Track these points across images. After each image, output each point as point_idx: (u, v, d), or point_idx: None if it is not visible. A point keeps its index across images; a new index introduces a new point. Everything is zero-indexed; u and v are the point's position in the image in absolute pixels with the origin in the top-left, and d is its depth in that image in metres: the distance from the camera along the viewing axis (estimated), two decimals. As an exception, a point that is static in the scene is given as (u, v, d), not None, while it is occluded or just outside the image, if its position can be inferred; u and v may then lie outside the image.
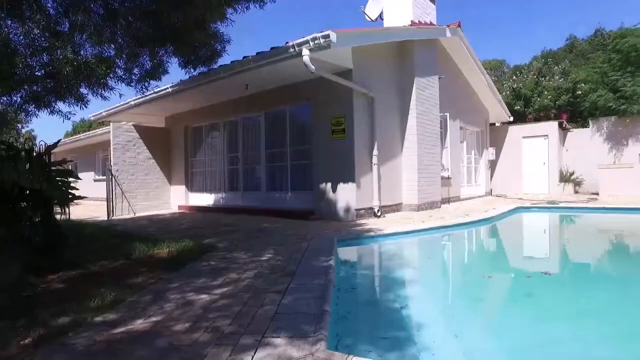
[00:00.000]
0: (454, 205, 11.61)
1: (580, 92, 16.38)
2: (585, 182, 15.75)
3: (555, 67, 19.13)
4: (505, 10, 57.98)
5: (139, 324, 2.52)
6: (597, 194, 14.02)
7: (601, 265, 5.53)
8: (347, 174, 8.11)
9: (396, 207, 9.53)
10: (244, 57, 7.84)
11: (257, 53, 7.58)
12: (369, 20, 11.39)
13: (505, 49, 58.42)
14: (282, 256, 4.58)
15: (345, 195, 8.14)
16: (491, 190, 16.32)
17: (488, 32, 58.88)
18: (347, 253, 5.42)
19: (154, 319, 2.61)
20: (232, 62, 8.02)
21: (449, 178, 11.91)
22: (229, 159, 11.31)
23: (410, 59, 9.77)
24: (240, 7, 6.18)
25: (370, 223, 7.39)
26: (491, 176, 16.58)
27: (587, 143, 16.05)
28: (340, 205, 8.20)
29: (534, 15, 57.04)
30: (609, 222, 9.24)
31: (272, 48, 7.32)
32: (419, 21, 10.38)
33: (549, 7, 55.79)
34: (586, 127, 16.24)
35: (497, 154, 16.72)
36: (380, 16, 11.26)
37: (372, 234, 6.03)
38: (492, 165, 16.66)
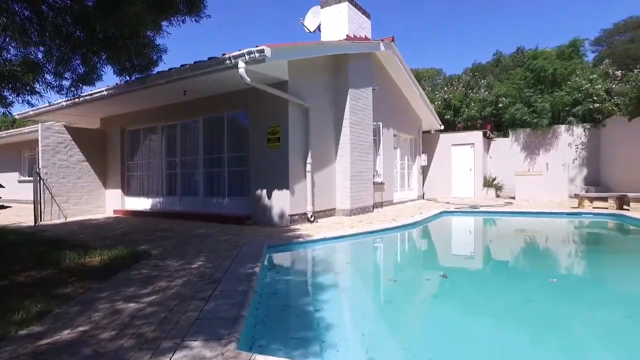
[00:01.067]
0: (386, 209, 12.36)
1: (501, 104, 17.93)
2: (505, 186, 17.30)
3: (482, 81, 20.77)
4: (443, 24, 61.33)
5: (66, 334, 2.70)
6: (514, 197, 15.48)
7: (499, 265, 6.32)
8: (282, 181, 8.48)
9: (330, 212, 10.04)
10: (182, 66, 7.97)
11: (195, 62, 7.74)
12: (308, 31, 11.84)
13: (443, 58, 61.75)
14: (212, 263, 4.84)
15: (279, 202, 8.50)
16: (423, 194, 17.42)
17: (428, 42, 61.95)
18: (275, 259, 5.76)
19: (81, 328, 2.80)
20: (169, 69, 8.10)
21: (382, 183, 12.65)
22: (167, 163, 11.26)
23: (345, 71, 10.32)
24: (175, 20, 6.36)
25: (302, 229, 7.81)
26: (423, 181, 17.68)
27: (507, 151, 17.65)
28: (275, 211, 8.55)
29: (469, 30, 60.87)
30: (518, 225, 10.33)
31: (209, 58, 7.52)
32: (354, 35, 10.97)
33: (482, 23, 59.80)
34: (507, 137, 17.84)
35: (429, 160, 17.88)
36: (319, 28, 11.74)
37: (301, 240, 6.43)
38: (425, 170, 17.78)
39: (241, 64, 6.97)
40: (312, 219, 8.91)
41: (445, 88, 20.44)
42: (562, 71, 16.26)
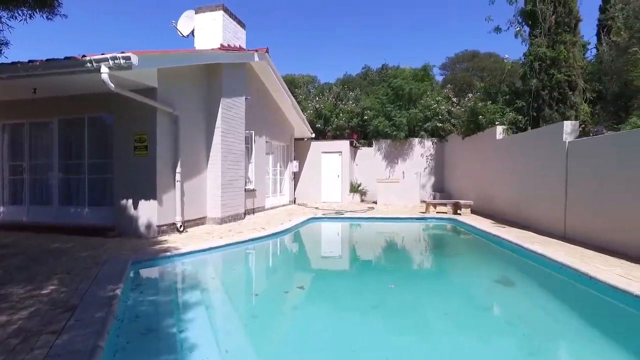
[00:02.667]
0: (258, 215, 12.67)
1: (367, 117, 19.71)
2: (369, 192, 19.05)
3: (351, 93, 22.49)
4: (322, 32, 64.17)
5: None
6: (376, 202, 17.18)
7: (354, 272, 7.11)
8: (149, 191, 8.18)
9: (200, 221, 9.96)
10: (30, 61, 7.14)
11: (48, 60, 7.02)
12: (181, 35, 11.50)
13: (319, 66, 64.60)
14: (68, 287, 4.54)
15: (146, 212, 8.18)
16: (295, 199, 18.20)
17: (307, 49, 64.18)
18: (139, 277, 5.59)
19: None
20: (13, 62, 7.19)
21: (254, 190, 12.94)
22: (10, 168, 9.87)
23: (219, 80, 10.34)
24: (21, 14, 5.75)
25: (171, 240, 7.66)
26: (295, 186, 18.49)
27: (371, 159, 19.46)
28: (142, 221, 8.20)
29: (344, 41, 64.82)
30: (375, 230, 11.55)
31: (66, 58, 6.89)
32: (228, 45, 11.04)
33: (354, 37, 64.21)
34: (371, 146, 19.66)
35: (301, 166, 18.77)
36: (193, 33, 11.50)
37: (168, 254, 6.33)
38: (297, 176, 18.60)
39: (104, 69, 6.56)
40: (181, 229, 8.76)
41: (317, 98, 21.63)
42: (416, 91, 18.59)
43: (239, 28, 12.03)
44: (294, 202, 17.99)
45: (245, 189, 11.83)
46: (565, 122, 8.14)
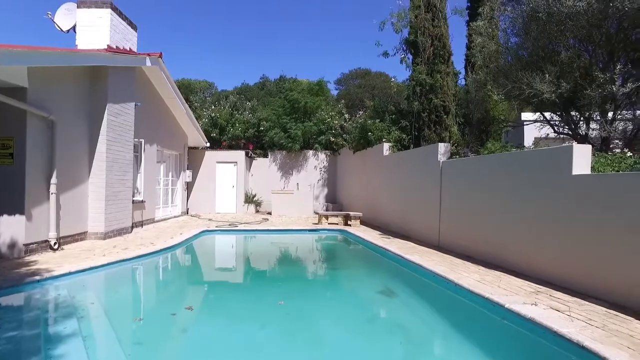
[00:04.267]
0: (147, 228, 11.93)
1: (263, 128, 19.84)
2: (264, 202, 19.14)
3: (247, 103, 22.44)
4: (221, 38, 62.74)
5: None
6: (271, 213, 17.33)
7: (245, 290, 7.14)
8: (15, 204, 7.22)
9: (80, 237, 9.07)
10: None
11: None
12: (60, 31, 10.42)
13: (217, 72, 63.08)
14: None
15: (11, 228, 7.20)
16: (188, 209, 17.51)
17: (204, 53, 62.18)
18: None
19: None
20: None
21: (142, 201, 12.18)
22: None
23: (104, 84, 9.59)
24: None
25: (42, 260, 6.85)
26: (188, 196, 17.79)
27: (267, 170, 19.61)
28: (4, 239, 7.19)
29: (242, 49, 64.31)
30: (269, 243, 11.69)
31: None
32: (116, 47, 10.32)
33: (253, 46, 64.13)
34: (267, 157, 19.82)
35: (195, 176, 18.13)
36: (74, 28, 10.50)
37: (37, 277, 5.60)
38: (190, 186, 17.91)
39: (-43, 65, 5.71)
40: (56, 247, 7.87)
41: (213, 106, 21.17)
42: (311, 105, 19.30)
43: (129, 29, 11.31)
44: (187, 213, 17.30)
45: (133, 201, 11.07)
46: (439, 143, 9.23)
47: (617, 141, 7.55)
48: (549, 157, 5.95)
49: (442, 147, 9.16)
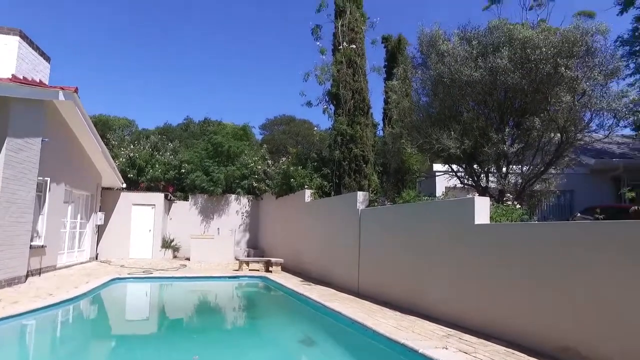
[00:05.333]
0: (47, 276, 10.71)
1: (184, 170, 19.29)
2: (183, 247, 18.24)
3: (169, 144, 21.78)
4: (147, 74, 61.08)
5: None
6: (189, 259, 16.53)
7: (157, 346, 6.59)
8: None
9: (-41, 288, 7.90)
10: None
11: None
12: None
13: (138, 110, 60.87)
14: None
15: None
16: (97, 255, 16.11)
17: (125, 89, 59.91)
18: None
19: None
20: None
21: (43, 247, 11.02)
22: None
23: (5, 116, 8.81)
24: None
25: None
26: (99, 241, 16.42)
27: (187, 214, 18.90)
28: None
29: (167, 88, 63.09)
30: (185, 291, 11.09)
31: None
32: (23, 77, 9.65)
33: (178, 87, 63.29)
34: (187, 200, 19.15)
35: (108, 219, 16.88)
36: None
37: None
38: (101, 229, 16.59)
39: None
40: None
41: (132, 146, 20.23)
42: (235, 149, 19.28)
43: (40, 60, 10.69)
44: (97, 258, 15.88)
45: (31, 246, 9.96)
46: (358, 192, 9.67)
47: (508, 194, 8.48)
48: (455, 208, 6.53)
49: (361, 196, 9.59)
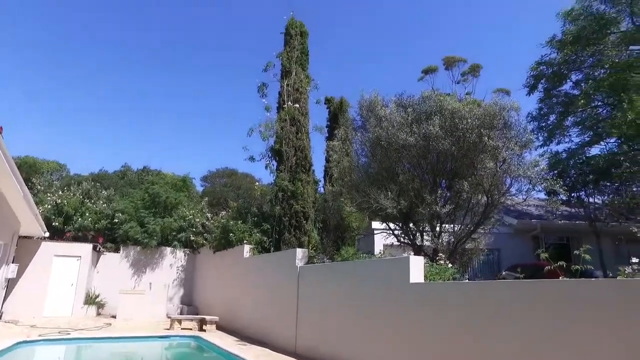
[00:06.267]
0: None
1: (117, 220, 18.24)
2: (109, 303, 16.79)
3: (103, 192, 20.65)
4: (84, 118, 58.52)
5: None
6: (116, 316, 15.21)
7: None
8: None
9: None
10: None
11: None
12: None
13: (71, 154, 57.63)
14: None
15: None
16: (2, 314, 14.36)
17: (60, 133, 56.82)
18: None
19: None
20: None
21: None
22: None
23: None
24: None
25: None
26: (6, 297, 14.73)
27: (117, 267, 17.65)
28: None
29: (103, 134, 60.73)
30: (107, 354, 10.11)
31: None
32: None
33: (116, 132, 61.23)
34: (118, 252, 17.97)
35: (22, 271, 15.28)
36: None
37: None
38: (12, 283, 14.96)
39: None
40: None
41: (61, 192, 18.92)
42: (173, 200, 18.66)
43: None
44: (0, 318, 14.12)
45: None
46: (297, 249, 9.64)
47: (441, 254, 8.89)
48: (391, 267, 6.70)
49: (300, 253, 9.57)
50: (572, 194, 15.74)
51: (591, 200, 16.25)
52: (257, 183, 15.88)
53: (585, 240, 15.01)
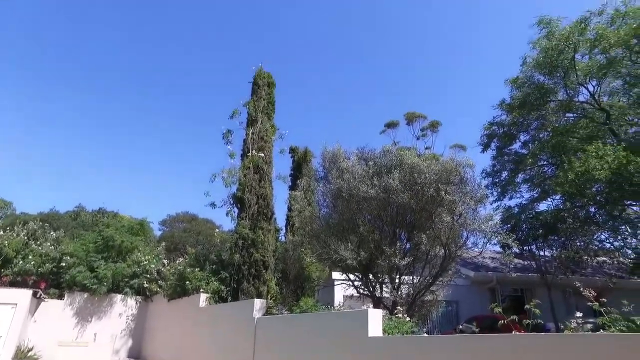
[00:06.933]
0: None
1: (64, 263, 17.13)
2: (44, 357, 15.39)
3: (52, 233, 19.49)
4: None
5: None
6: (51, 373, 13.92)
7: None
8: None
9: None
10: None
11: None
12: None
13: (20, 193, 54.63)
14: None
15: None
16: None
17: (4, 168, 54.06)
18: None
19: None
20: None
21: None
22: None
23: None
24: None
25: None
26: None
27: (59, 315, 16.36)
28: None
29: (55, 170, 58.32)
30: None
31: None
32: None
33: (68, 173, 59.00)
34: (62, 298, 16.73)
35: (-51, 321, 13.88)
36: None
37: None
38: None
39: None
40: None
41: (2, 232, 17.69)
42: (128, 245, 17.85)
43: None
44: None
45: None
46: (255, 299, 9.39)
47: (399, 307, 8.93)
48: (350, 320, 6.64)
49: (258, 303, 9.32)
50: (524, 247, 16.46)
51: (541, 253, 17.02)
52: (217, 230, 15.55)
53: (538, 292, 15.59)
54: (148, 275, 17.38)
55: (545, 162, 17.15)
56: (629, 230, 14.27)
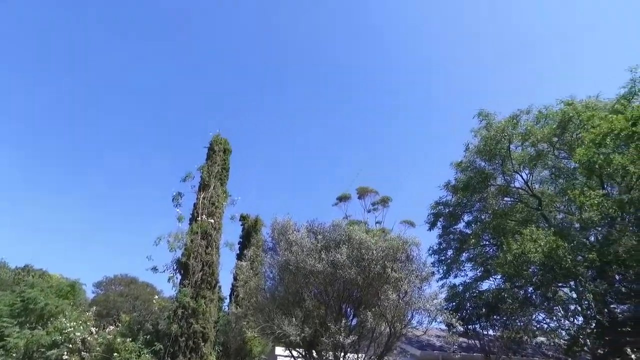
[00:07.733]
0: None
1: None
2: None
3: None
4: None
5: None
6: None
7: None
8: None
9: None
10: None
11: None
12: None
13: None
14: None
15: None
16: None
17: None
18: None
19: None
20: None
21: None
22: None
23: None
24: None
25: None
26: None
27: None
28: None
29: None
30: None
31: None
32: None
33: None
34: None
35: None
36: None
37: None
38: None
39: None
40: None
41: None
42: (52, 309, 16.20)
43: None
44: None
45: None
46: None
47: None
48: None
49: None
50: (468, 326, 16.58)
51: (485, 332, 17.18)
52: (157, 296, 14.52)
53: (482, 372, 15.48)
54: (70, 345, 15.63)
55: (487, 242, 17.95)
56: (561, 311, 14.88)
